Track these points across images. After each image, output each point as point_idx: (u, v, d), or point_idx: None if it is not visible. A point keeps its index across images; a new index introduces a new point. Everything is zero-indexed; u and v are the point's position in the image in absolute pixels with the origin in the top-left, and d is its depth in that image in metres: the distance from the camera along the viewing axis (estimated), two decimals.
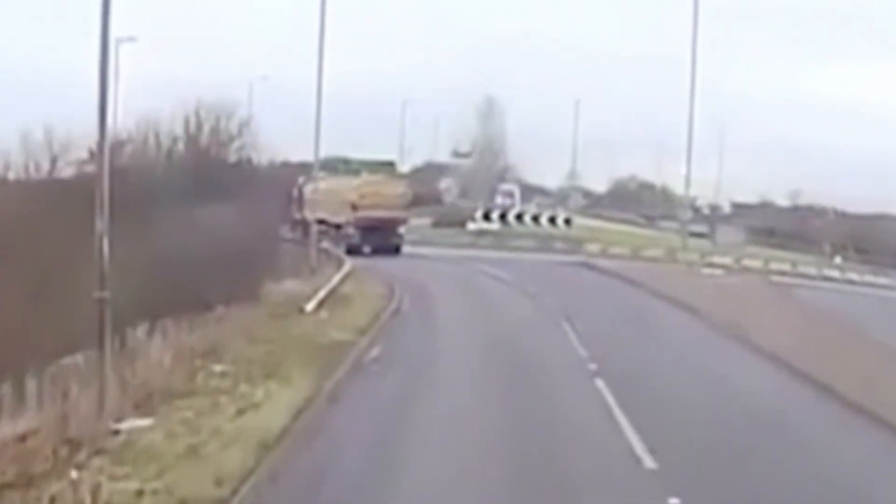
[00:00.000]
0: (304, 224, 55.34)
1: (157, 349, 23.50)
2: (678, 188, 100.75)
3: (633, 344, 29.10)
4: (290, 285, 38.99)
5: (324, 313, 31.07)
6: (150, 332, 25.84)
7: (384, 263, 50.06)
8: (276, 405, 18.16)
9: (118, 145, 52.43)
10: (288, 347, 24.51)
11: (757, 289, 49.43)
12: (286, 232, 55.01)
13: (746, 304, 39.33)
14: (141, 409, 17.63)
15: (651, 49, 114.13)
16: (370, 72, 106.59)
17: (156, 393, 18.72)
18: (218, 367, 21.66)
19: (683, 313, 37.51)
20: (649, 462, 15.46)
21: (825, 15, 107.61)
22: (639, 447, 16.17)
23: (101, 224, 16.57)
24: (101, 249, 16.63)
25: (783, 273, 63.39)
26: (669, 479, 14.59)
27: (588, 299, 40.96)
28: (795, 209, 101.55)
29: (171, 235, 34.13)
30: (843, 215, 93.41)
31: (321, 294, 33.45)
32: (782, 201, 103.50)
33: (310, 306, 31.51)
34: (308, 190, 56.14)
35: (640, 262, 63.88)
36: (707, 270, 58.17)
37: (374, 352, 25.28)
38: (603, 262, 59.79)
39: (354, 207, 57.83)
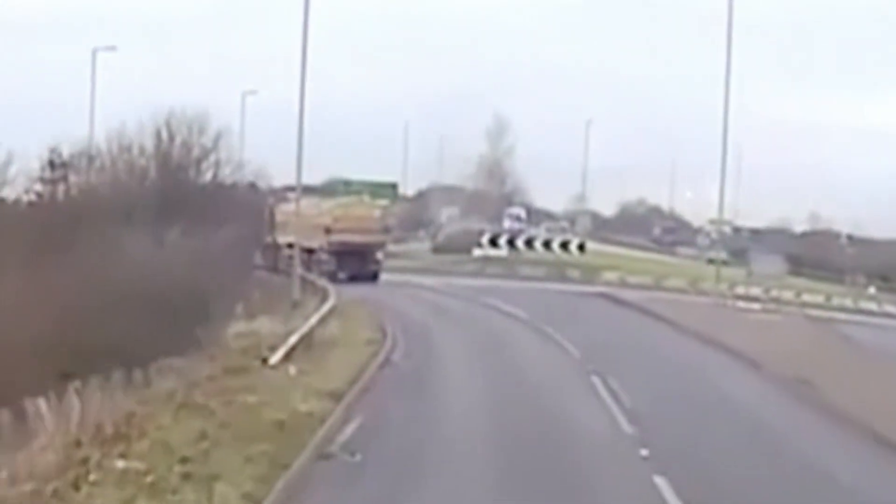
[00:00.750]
0: (275, 248, 50.10)
1: (48, 432, 17.18)
2: (687, 212, 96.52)
3: (687, 412, 22.76)
4: (263, 323, 32.85)
5: (292, 368, 24.60)
6: (57, 402, 19.41)
7: (375, 296, 43.60)
8: None
9: (88, 161, 46.86)
10: (230, 424, 17.97)
11: (806, 328, 43.06)
12: (258, 259, 50.05)
13: (805, 350, 32.99)
14: None
15: (659, 73, 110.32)
16: (376, 94, 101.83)
17: None
18: (120, 464, 15.18)
19: (733, 361, 31.21)
20: None
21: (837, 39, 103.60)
22: None
23: None
24: None
25: (818, 306, 57.57)
26: None
27: (618, 344, 34.23)
28: (812, 234, 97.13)
29: (108, 268, 27.99)
30: (855, 241, 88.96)
31: (292, 340, 26.97)
32: (798, 226, 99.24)
33: (275, 358, 25.04)
34: (279, 212, 50.91)
35: (664, 292, 58.46)
36: (742, 304, 52.01)
37: (349, 429, 18.80)
38: (625, 294, 53.57)
39: (328, 231, 52.30)
